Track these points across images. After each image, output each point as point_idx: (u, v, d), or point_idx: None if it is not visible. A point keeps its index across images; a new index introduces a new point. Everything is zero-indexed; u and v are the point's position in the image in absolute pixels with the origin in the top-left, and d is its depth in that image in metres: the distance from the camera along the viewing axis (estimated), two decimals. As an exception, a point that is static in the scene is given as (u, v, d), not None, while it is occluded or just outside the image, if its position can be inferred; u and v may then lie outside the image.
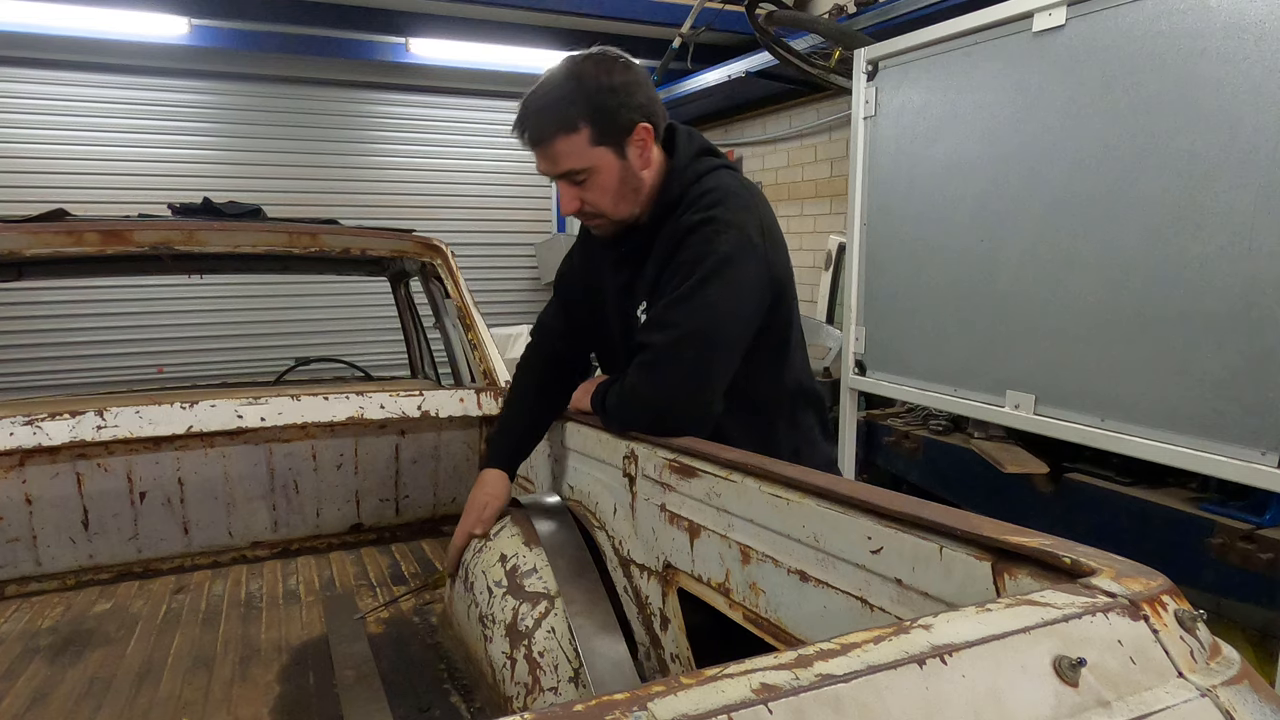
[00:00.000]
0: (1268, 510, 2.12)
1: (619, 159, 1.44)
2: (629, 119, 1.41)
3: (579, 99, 1.38)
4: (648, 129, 1.44)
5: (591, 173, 1.43)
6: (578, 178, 1.44)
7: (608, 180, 1.44)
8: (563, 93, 1.40)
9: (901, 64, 2.85)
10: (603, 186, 1.45)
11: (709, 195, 1.44)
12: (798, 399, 1.59)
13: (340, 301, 6.67)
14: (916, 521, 0.93)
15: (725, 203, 1.42)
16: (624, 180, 1.46)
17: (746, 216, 1.43)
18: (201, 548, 2.39)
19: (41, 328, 6.00)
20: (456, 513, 2.73)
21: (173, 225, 2.41)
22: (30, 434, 2.07)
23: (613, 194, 1.46)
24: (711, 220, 1.40)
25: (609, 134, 1.41)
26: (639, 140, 1.44)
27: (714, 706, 0.55)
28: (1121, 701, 0.65)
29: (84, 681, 1.76)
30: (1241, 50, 1.88)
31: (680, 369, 1.39)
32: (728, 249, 1.38)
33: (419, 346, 3.63)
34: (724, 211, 1.41)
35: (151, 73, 6.08)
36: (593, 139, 1.40)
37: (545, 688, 1.39)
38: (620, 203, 1.48)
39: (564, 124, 1.39)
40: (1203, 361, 1.98)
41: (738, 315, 1.41)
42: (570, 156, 1.42)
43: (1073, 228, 2.28)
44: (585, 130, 1.39)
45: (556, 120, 1.40)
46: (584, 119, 1.39)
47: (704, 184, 1.47)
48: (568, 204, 1.48)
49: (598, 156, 1.42)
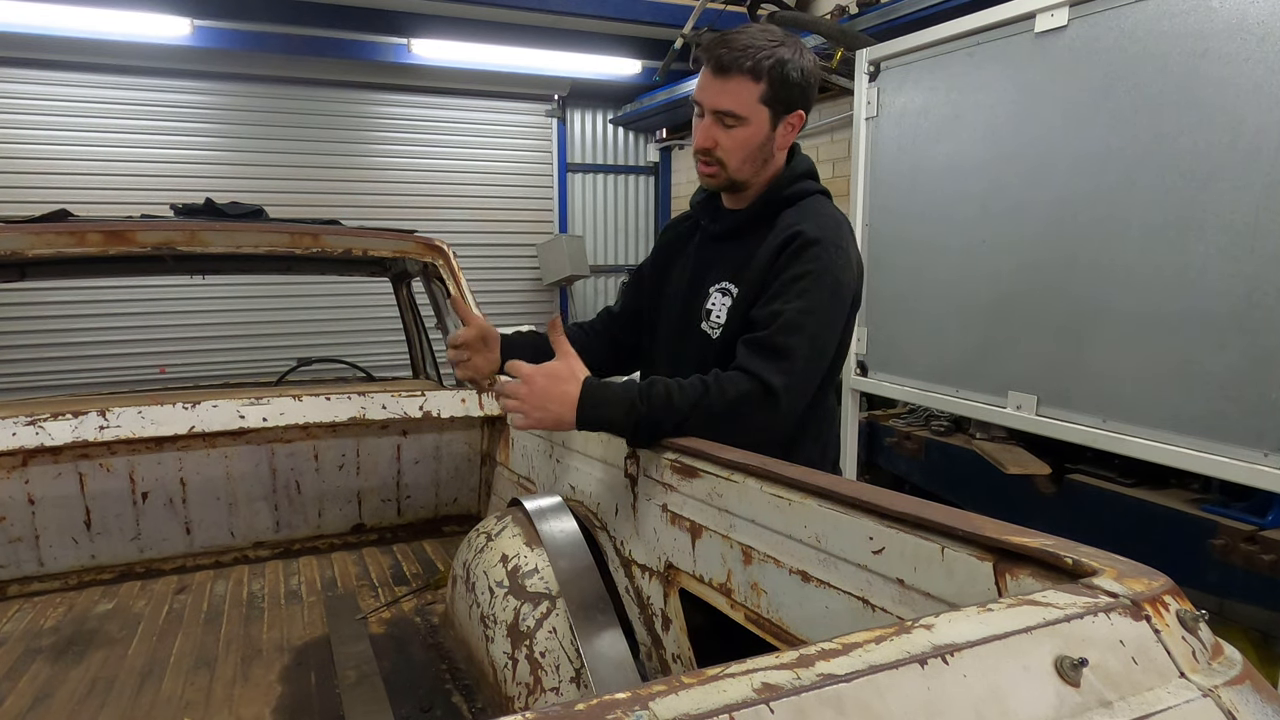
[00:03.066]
0: (1270, 511, 2.12)
1: (770, 127, 1.52)
2: (798, 101, 1.52)
3: (776, 59, 1.47)
4: (801, 118, 1.54)
5: (743, 123, 1.50)
6: (728, 120, 1.50)
7: (752, 137, 1.51)
8: (767, 46, 1.48)
9: (903, 65, 2.85)
10: (745, 141, 1.51)
11: (823, 217, 1.52)
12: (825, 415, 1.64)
13: (342, 302, 6.67)
14: (918, 522, 0.93)
15: (838, 229, 1.52)
16: (762, 146, 1.53)
17: (849, 246, 1.53)
18: (203, 548, 2.39)
19: (44, 328, 6.01)
20: (458, 513, 2.76)
21: (175, 226, 2.41)
22: (33, 434, 2.08)
23: (748, 152, 1.53)
24: (824, 242, 1.47)
25: (778, 101, 1.50)
26: (791, 123, 1.54)
27: (715, 706, 0.55)
28: (1123, 702, 0.65)
29: (86, 681, 1.76)
30: (1244, 50, 1.88)
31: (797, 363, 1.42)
32: (840, 274, 1.47)
33: (421, 347, 3.63)
34: (838, 237, 1.50)
35: (154, 73, 6.09)
36: (764, 95, 1.48)
37: (547, 688, 1.39)
38: (747, 164, 1.54)
39: (753, 69, 1.47)
40: (1205, 362, 1.98)
41: (834, 338, 1.51)
42: (739, 98, 1.48)
43: (1075, 228, 2.28)
44: (764, 84, 1.48)
45: (750, 62, 1.47)
46: (769, 75, 1.47)
47: (816, 203, 1.57)
48: (704, 138, 1.53)
49: (759, 112, 1.49)
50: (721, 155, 1.53)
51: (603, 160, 7.81)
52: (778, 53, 1.47)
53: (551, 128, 7.48)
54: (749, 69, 1.46)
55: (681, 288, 1.67)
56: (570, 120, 7.57)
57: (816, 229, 1.48)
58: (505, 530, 1.69)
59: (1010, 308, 2.49)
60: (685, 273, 1.67)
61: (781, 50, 1.47)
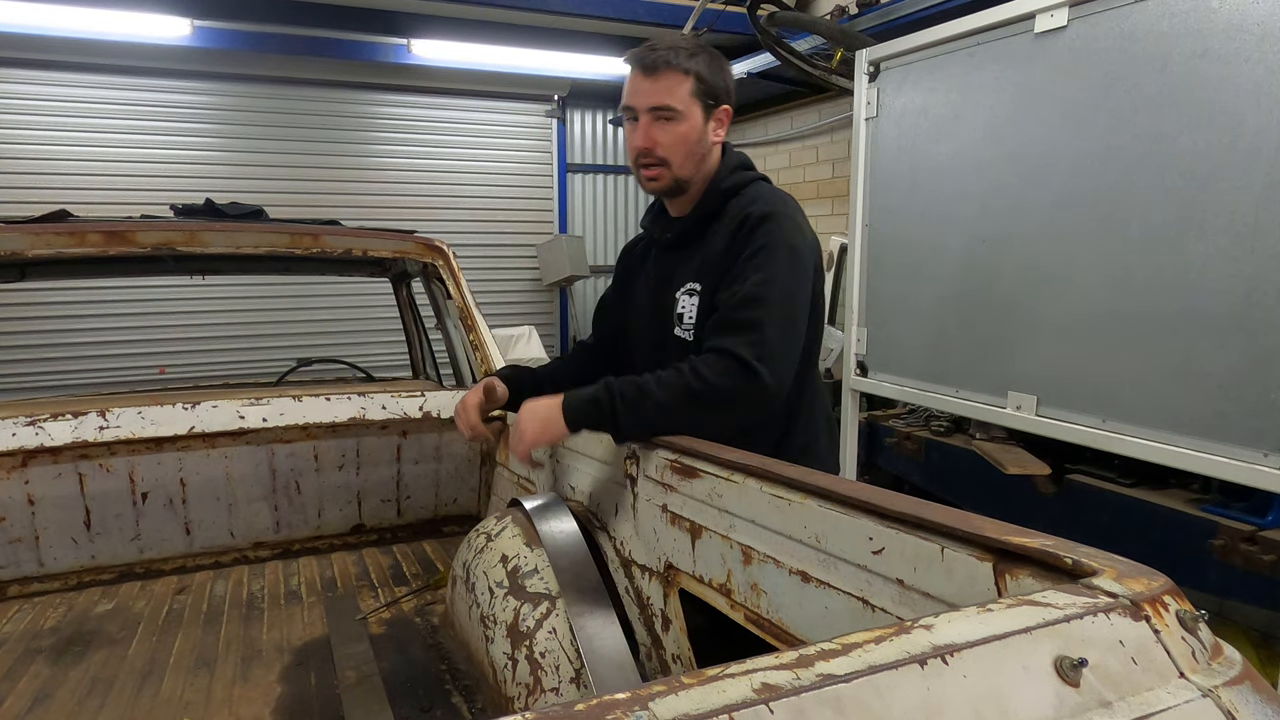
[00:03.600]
0: (1269, 511, 2.12)
1: (703, 120, 1.59)
2: (724, 96, 1.61)
3: (701, 57, 1.57)
4: (728, 112, 1.62)
5: (678, 117, 1.56)
6: (664, 114, 1.56)
7: (688, 131, 1.57)
8: (690, 47, 1.58)
9: (903, 65, 2.85)
10: (681, 135, 1.57)
11: (765, 196, 1.58)
12: (815, 404, 1.65)
13: (342, 302, 6.67)
14: (918, 522, 0.93)
15: (783, 202, 1.58)
16: (698, 140, 1.59)
17: (798, 218, 1.58)
18: (203, 548, 2.39)
19: (44, 328, 6.01)
20: (458, 513, 2.76)
21: (175, 226, 2.41)
22: (33, 434, 2.08)
23: (688, 147, 1.58)
24: (774, 215, 1.53)
25: (707, 94, 1.57)
26: (720, 116, 1.61)
27: (715, 706, 0.55)
28: (1123, 702, 0.65)
29: (86, 682, 1.76)
30: (1244, 51, 1.88)
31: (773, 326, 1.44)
32: (793, 240, 1.51)
33: (420, 347, 3.63)
34: (785, 208, 1.56)
35: (154, 74, 6.09)
36: (694, 90, 1.56)
37: (546, 688, 1.39)
38: (688, 160, 1.60)
39: (681, 65, 1.55)
40: (1205, 362, 1.98)
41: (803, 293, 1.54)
42: (671, 93, 1.55)
43: (1075, 228, 2.28)
44: (693, 80, 1.56)
45: (678, 60, 1.55)
46: (697, 72, 1.56)
47: (758, 188, 1.62)
48: (643, 138, 1.57)
49: (690, 105, 1.56)
50: (663, 154, 1.58)
51: (603, 160, 7.81)
52: (701, 54, 1.57)
53: (551, 128, 7.48)
54: (678, 65, 1.54)
55: (648, 301, 1.72)
56: (570, 120, 7.57)
57: (765, 205, 1.54)
58: (505, 531, 1.69)
59: (1010, 308, 2.49)
60: (649, 286, 1.72)
61: (703, 52, 1.58)
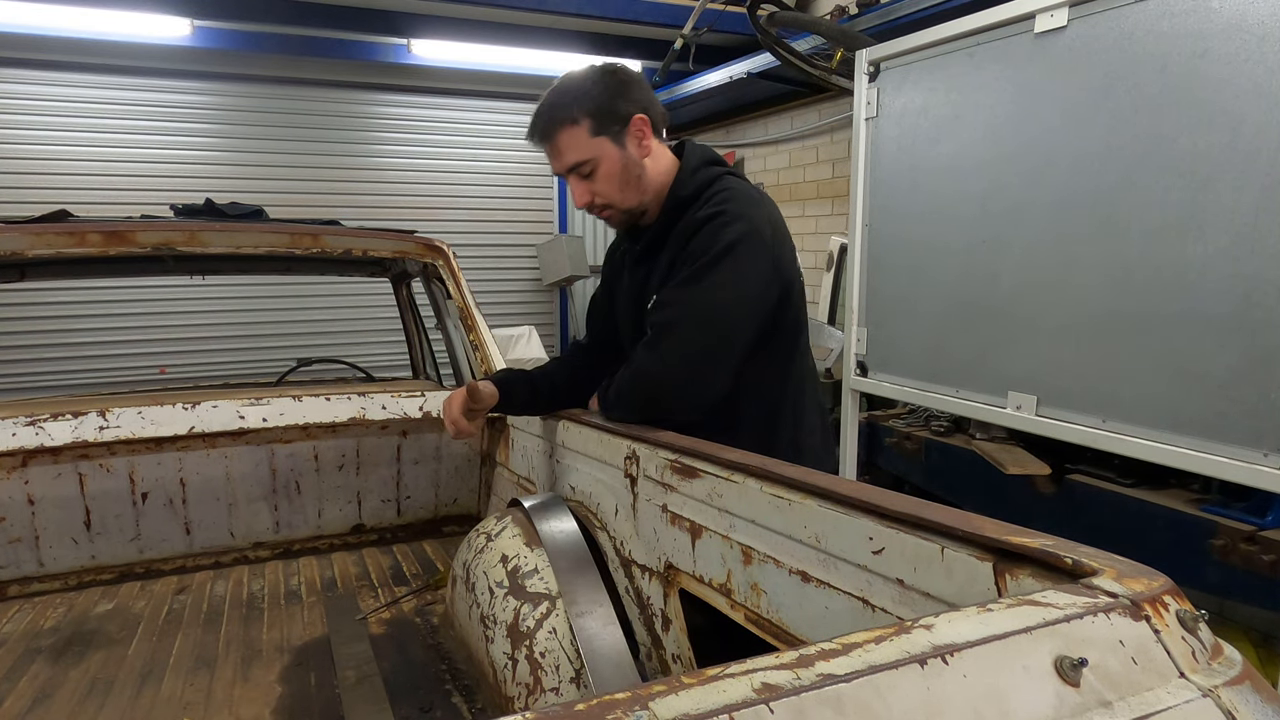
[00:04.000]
0: (1269, 511, 2.12)
1: (619, 149, 1.55)
2: (625, 110, 1.54)
3: (578, 96, 1.53)
4: (644, 119, 1.55)
5: (595, 163, 1.55)
6: (584, 169, 1.56)
7: (611, 169, 1.55)
8: (564, 94, 1.55)
9: (903, 65, 2.85)
10: (608, 175, 1.56)
11: (720, 194, 1.54)
12: (802, 401, 1.63)
13: (342, 302, 6.67)
14: (918, 522, 0.93)
15: (735, 200, 1.52)
16: (626, 168, 1.56)
17: (755, 211, 1.51)
18: (203, 548, 2.39)
19: (44, 328, 6.01)
20: (458, 513, 2.76)
21: (175, 226, 2.41)
22: (33, 434, 2.08)
23: (618, 182, 1.57)
24: (722, 213, 1.49)
25: (607, 125, 1.53)
26: (636, 131, 1.55)
27: (715, 706, 0.55)
28: (1123, 702, 0.65)
29: (86, 682, 1.76)
30: (1243, 51, 1.88)
31: (679, 344, 1.46)
32: (734, 237, 1.46)
33: (420, 347, 3.63)
34: (734, 206, 1.50)
35: (154, 74, 6.09)
36: (592, 130, 1.53)
37: (546, 688, 1.39)
38: (626, 191, 1.58)
39: (566, 119, 1.53)
40: (1204, 362, 1.98)
41: (744, 298, 1.47)
42: (574, 149, 1.54)
43: (1074, 229, 2.28)
44: (585, 123, 1.52)
45: (559, 116, 1.53)
46: (583, 113, 1.52)
47: (715, 185, 1.57)
48: (580, 197, 1.59)
49: (598, 147, 1.54)
50: (602, 200, 1.59)
51: (602, 160, 7.80)
52: (572, 89, 1.53)
53: (551, 128, 7.48)
54: (564, 119, 1.52)
55: (630, 307, 1.73)
56: (570, 120, 7.56)
57: (709, 209, 1.52)
58: (505, 531, 1.69)
59: (1010, 308, 2.49)
60: (630, 294, 1.73)
61: (578, 87, 1.53)
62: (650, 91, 1.60)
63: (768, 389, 1.56)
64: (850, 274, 3.14)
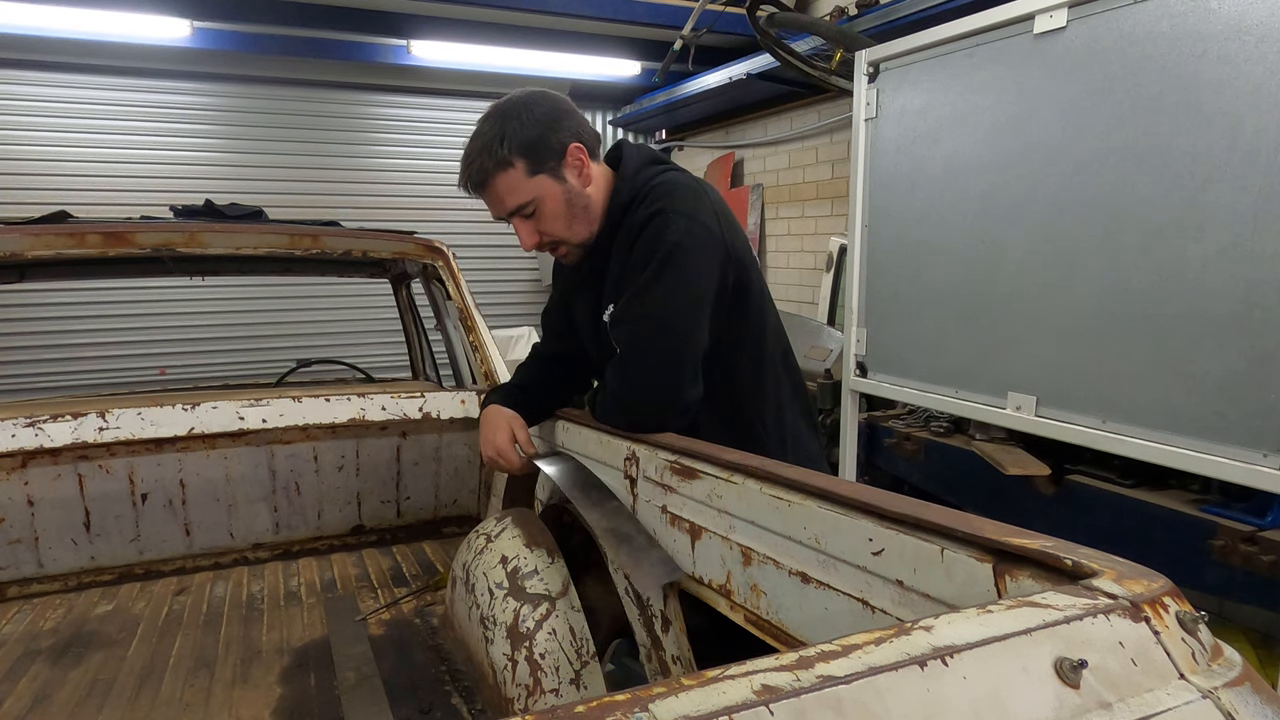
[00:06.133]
0: (1269, 512, 2.12)
1: (559, 183, 1.49)
2: (559, 142, 1.47)
3: (507, 136, 1.45)
4: (579, 148, 1.49)
5: (538, 203, 1.49)
6: (527, 210, 1.50)
7: (555, 206, 1.50)
8: (491, 136, 1.46)
9: (903, 66, 2.85)
10: (553, 213, 1.51)
11: (656, 190, 1.49)
12: (780, 388, 1.60)
13: (342, 303, 6.67)
14: (918, 523, 0.92)
15: (673, 195, 1.47)
16: (570, 202, 1.51)
17: (695, 204, 1.46)
18: (203, 549, 2.39)
19: (43, 329, 6.01)
20: (457, 514, 2.76)
21: (175, 227, 2.41)
22: (32, 435, 2.08)
23: (564, 218, 1.52)
24: (660, 212, 1.44)
25: (543, 161, 1.47)
26: (574, 161, 1.49)
27: (715, 708, 0.55)
28: (1123, 703, 0.65)
29: (85, 683, 1.76)
30: (1243, 51, 1.88)
31: (647, 360, 1.43)
32: (677, 236, 1.42)
33: (420, 348, 3.63)
34: (672, 202, 1.45)
35: (153, 75, 6.09)
36: (529, 170, 1.47)
37: (546, 689, 1.39)
38: (574, 224, 1.53)
39: (499, 162, 1.46)
40: (1204, 363, 1.98)
41: (700, 298, 1.44)
42: (512, 193, 1.48)
43: (1074, 229, 2.28)
44: (520, 164, 1.46)
45: (491, 161, 1.46)
46: (516, 153, 1.45)
47: (652, 183, 1.52)
48: (528, 240, 1.54)
49: (538, 186, 1.48)
50: (550, 238, 1.54)
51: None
52: (499, 129, 1.45)
53: (551, 129, 7.48)
54: (496, 165, 1.46)
55: (587, 322, 1.68)
56: (570, 121, 7.56)
57: (647, 208, 1.47)
58: (505, 532, 1.69)
59: (1010, 308, 2.49)
60: (585, 308, 1.69)
61: (504, 127, 1.45)
62: (578, 114, 1.53)
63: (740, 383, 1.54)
64: (850, 275, 3.14)
